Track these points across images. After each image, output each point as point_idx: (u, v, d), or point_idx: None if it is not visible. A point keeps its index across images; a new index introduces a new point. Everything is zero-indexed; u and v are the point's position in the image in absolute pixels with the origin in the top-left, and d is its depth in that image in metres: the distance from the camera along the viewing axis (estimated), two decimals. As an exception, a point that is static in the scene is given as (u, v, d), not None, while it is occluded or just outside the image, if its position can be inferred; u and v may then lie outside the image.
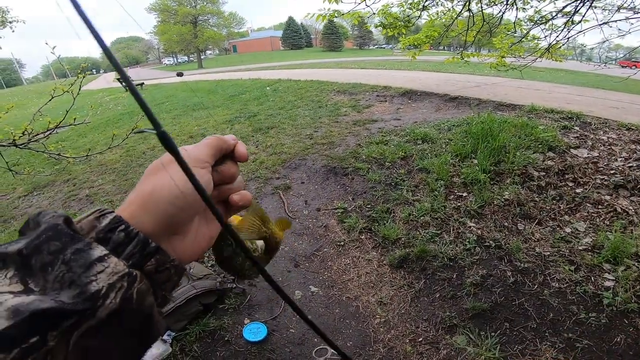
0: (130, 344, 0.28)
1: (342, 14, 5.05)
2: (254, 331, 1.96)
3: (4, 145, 2.29)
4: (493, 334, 1.88)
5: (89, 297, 0.24)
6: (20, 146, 2.21)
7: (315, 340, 1.94)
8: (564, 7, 3.95)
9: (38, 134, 2.37)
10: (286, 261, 2.54)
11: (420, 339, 1.93)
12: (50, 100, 2.23)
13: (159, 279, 0.30)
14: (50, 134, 2.39)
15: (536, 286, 2.13)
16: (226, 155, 0.36)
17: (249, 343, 1.91)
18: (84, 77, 2.40)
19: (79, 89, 2.32)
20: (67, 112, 2.29)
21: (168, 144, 0.24)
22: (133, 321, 0.27)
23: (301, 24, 72.72)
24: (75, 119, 2.42)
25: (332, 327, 2.03)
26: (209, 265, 2.45)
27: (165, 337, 1.87)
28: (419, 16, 5.48)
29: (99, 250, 0.26)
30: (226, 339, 1.95)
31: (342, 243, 2.67)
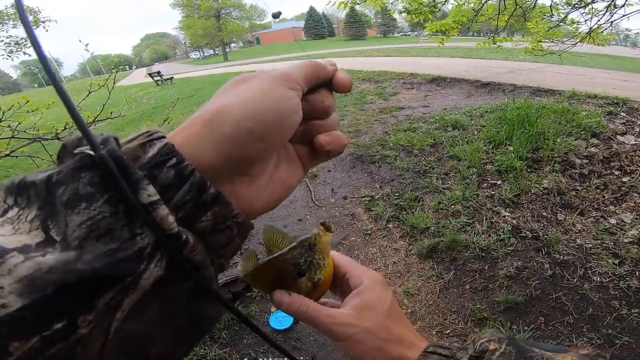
0: (180, 326, 0.22)
1: (365, 1, 4.92)
2: (280, 319, 1.98)
3: (47, 139, 2.43)
4: (526, 328, 1.81)
5: (132, 256, 0.18)
6: (62, 139, 2.34)
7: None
8: (604, -9, 3.67)
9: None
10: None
11: (448, 331, 1.88)
12: (87, 95, 2.34)
13: (216, 241, 0.22)
14: (89, 127, 2.51)
15: (576, 280, 2.02)
16: (322, 85, 0.28)
17: (275, 331, 1.94)
18: (117, 72, 2.51)
19: (114, 84, 2.43)
20: (104, 105, 2.40)
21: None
22: (183, 296, 0.21)
23: (323, 13, 71.91)
24: (112, 112, 2.54)
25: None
26: (238, 252, 2.51)
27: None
28: (446, 1, 5.25)
29: (146, 194, 0.18)
30: (253, 326, 2.00)
31: (369, 232, 2.64)
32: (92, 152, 0.18)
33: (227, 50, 50.78)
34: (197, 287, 0.21)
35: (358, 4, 4.92)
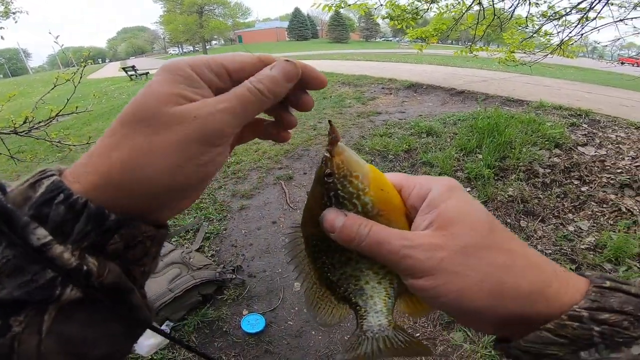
0: (115, 331, 0.24)
1: (349, 5, 4.98)
2: (252, 323, 1.95)
3: (5, 133, 2.29)
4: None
5: (45, 285, 0.20)
6: (21, 134, 2.21)
7: (313, 332, 1.94)
8: (578, 3, 3.87)
9: (39, 122, 2.37)
10: (285, 253, 2.54)
11: (418, 334, 1.92)
12: (52, 88, 2.22)
13: (131, 256, 0.23)
14: (50, 122, 2.38)
15: (536, 284, 2.11)
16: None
17: (247, 334, 1.91)
18: (85, 66, 2.40)
19: (80, 78, 2.32)
20: (68, 100, 2.28)
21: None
22: (108, 307, 0.23)
23: (307, 15, 72.04)
24: (77, 107, 2.42)
25: (330, 320, 2.03)
26: (209, 255, 2.46)
27: (163, 327, 1.88)
28: (428, 8, 5.38)
29: (36, 237, 0.20)
30: (224, 329, 1.95)
31: (342, 236, 2.65)
32: None
33: (207, 47, 49.88)
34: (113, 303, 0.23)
35: (342, 7, 4.97)
